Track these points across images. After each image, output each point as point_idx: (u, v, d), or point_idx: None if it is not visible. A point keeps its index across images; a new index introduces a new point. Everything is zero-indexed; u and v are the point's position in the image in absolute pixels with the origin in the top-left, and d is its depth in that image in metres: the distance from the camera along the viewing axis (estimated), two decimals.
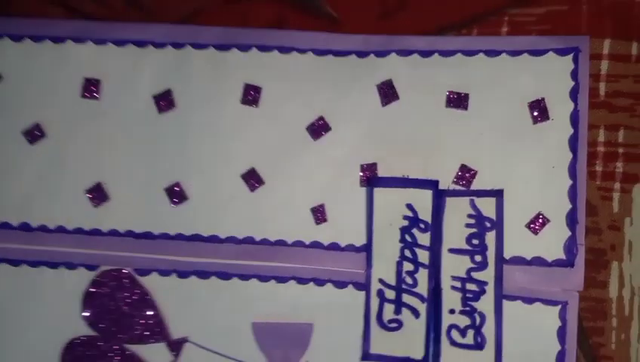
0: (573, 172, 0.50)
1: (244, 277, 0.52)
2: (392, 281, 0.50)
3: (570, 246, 0.50)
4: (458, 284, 0.50)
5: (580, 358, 0.51)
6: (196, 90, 0.53)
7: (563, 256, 0.50)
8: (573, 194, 0.50)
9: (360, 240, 0.51)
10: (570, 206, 0.50)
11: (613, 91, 0.52)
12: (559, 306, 0.50)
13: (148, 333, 0.52)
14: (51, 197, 0.53)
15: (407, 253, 0.50)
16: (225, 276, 0.52)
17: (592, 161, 0.52)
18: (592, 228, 0.51)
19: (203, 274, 0.52)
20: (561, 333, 0.50)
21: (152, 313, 0.52)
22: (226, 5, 0.54)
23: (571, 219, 0.50)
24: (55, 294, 0.53)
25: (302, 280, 0.52)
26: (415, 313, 0.50)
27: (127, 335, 0.52)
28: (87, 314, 0.52)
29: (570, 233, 0.50)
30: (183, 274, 0.52)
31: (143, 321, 0.52)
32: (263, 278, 0.52)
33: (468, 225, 0.50)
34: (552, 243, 0.50)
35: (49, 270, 0.53)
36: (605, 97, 0.52)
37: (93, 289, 0.53)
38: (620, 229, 0.52)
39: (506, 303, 0.50)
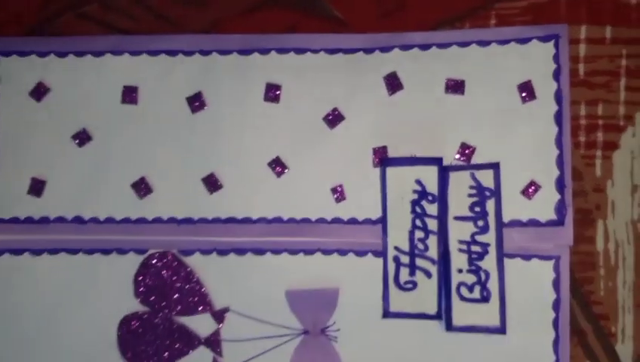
0: (559, 143, 0.54)
1: (276, 251, 0.56)
2: (406, 248, 0.54)
3: (560, 208, 0.54)
4: (464, 247, 0.53)
5: (574, 305, 0.55)
6: (224, 91, 0.56)
7: (554, 217, 0.54)
8: (560, 162, 0.54)
9: (376, 214, 0.55)
10: (558, 172, 0.54)
11: (591, 71, 0.55)
12: (553, 260, 0.54)
13: (194, 306, 0.56)
14: (100, 192, 0.57)
15: (418, 222, 0.54)
16: (259, 252, 0.56)
17: (576, 132, 0.55)
18: (579, 191, 0.55)
19: (240, 252, 0.56)
20: (556, 284, 0.54)
21: (196, 288, 0.56)
22: (243, 15, 0.58)
23: (560, 184, 0.54)
24: (109, 277, 0.56)
25: (327, 252, 0.55)
26: (427, 274, 0.54)
27: (176, 309, 0.56)
28: (139, 293, 0.56)
29: (559, 196, 0.54)
30: (222, 253, 0.56)
31: (189, 296, 0.56)
32: (293, 252, 0.56)
33: (470, 195, 0.53)
34: (544, 206, 0.54)
35: (103, 256, 0.56)
36: (584, 76, 0.55)
37: (143, 271, 0.57)
38: (604, 191, 0.55)
39: (506, 261, 0.53)
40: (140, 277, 0.57)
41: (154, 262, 0.56)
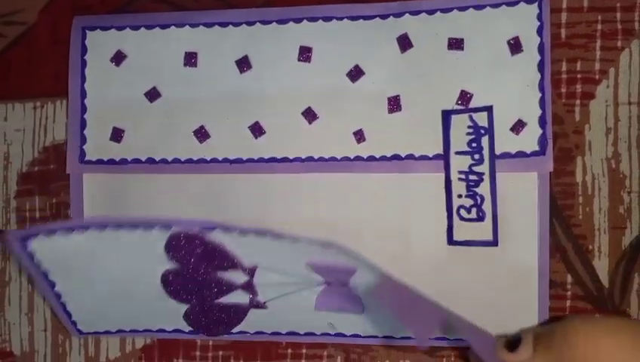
0: (542, 87, 0.54)
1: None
2: None
3: (542, 141, 0.54)
4: (463, 176, 0.54)
5: (557, 227, 0.55)
6: (265, 54, 0.58)
7: (537, 148, 0.54)
8: (542, 103, 0.54)
9: (390, 152, 0.56)
10: (540, 112, 0.54)
11: (571, 34, 0.55)
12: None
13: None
14: (168, 138, 0.59)
15: None
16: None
17: (558, 84, 0.55)
18: (561, 133, 0.55)
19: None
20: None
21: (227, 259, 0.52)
22: None
23: (542, 121, 0.54)
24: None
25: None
26: None
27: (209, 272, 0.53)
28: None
29: (542, 131, 0.54)
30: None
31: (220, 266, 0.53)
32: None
33: (468, 133, 0.54)
34: (529, 140, 0.54)
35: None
36: (565, 39, 0.56)
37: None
38: (582, 133, 0.55)
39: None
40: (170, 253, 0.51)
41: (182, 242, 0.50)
